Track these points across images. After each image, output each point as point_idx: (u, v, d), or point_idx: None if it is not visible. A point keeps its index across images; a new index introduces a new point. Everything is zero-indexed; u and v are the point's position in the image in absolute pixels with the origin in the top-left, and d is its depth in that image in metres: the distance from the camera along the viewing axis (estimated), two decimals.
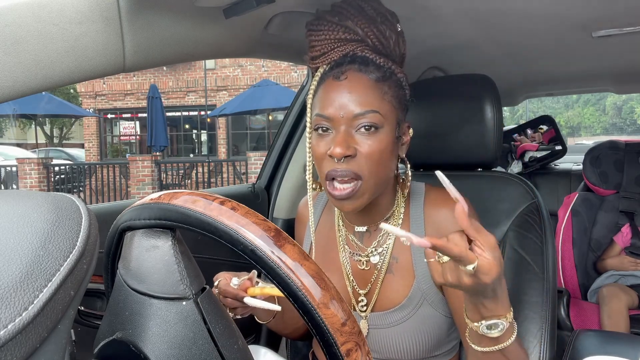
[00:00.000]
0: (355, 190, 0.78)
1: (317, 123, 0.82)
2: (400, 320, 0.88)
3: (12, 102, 8.84)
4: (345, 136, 0.78)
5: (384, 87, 0.80)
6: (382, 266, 0.89)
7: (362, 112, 0.78)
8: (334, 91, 0.80)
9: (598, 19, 1.21)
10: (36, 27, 0.69)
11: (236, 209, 0.45)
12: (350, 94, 0.79)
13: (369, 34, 0.81)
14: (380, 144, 0.79)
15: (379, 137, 0.79)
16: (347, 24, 0.82)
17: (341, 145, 0.77)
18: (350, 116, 0.78)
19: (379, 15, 0.83)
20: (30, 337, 0.29)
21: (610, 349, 1.03)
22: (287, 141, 1.58)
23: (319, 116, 0.81)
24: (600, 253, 2.16)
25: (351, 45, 0.82)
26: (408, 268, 0.88)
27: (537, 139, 3.31)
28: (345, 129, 0.79)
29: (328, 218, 1.00)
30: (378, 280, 0.89)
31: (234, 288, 0.80)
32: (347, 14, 0.82)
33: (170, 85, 13.95)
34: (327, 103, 0.80)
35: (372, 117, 0.78)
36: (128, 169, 9.40)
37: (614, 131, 31.48)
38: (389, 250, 0.89)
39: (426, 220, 0.89)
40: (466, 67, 1.70)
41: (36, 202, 0.35)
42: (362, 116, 0.78)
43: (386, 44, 0.83)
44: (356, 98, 0.78)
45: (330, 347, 0.43)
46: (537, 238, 1.01)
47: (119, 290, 0.47)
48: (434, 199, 0.90)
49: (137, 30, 0.80)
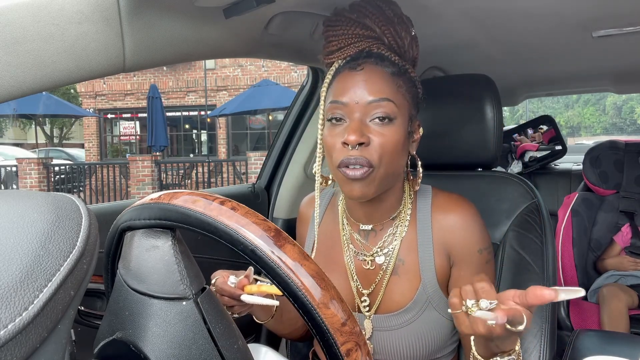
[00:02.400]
0: (367, 174, 0.78)
1: (331, 112, 0.82)
2: (404, 323, 0.88)
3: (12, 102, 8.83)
4: (359, 124, 0.78)
5: (399, 80, 0.82)
6: (388, 267, 0.89)
7: (376, 99, 0.79)
8: (350, 80, 0.81)
9: (598, 19, 1.21)
10: (36, 27, 0.69)
11: (236, 209, 0.45)
12: (366, 82, 0.80)
13: (385, 33, 0.83)
14: (393, 136, 0.79)
15: (392, 129, 0.79)
16: (365, 21, 0.83)
17: (356, 132, 0.77)
18: (364, 103, 0.79)
19: (396, 16, 0.84)
20: (30, 337, 0.29)
21: (610, 349, 1.03)
22: (287, 141, 1.58)
23: (334, 103, 0.82)
24: (600, 253, 2.16)
25: (367, 42, 0.84)
26: (414, 271, 0.88)
27: (537, 139, 3.32)
28: (360, 117, 0.79)
29: (332, 216, 1.00)
30: (383, 282, 0.89)
31: (231, 286, 0.80)
32: (366, 12, 0.84)
33: (170, 85, 13.94)
34: (342, 91, 0.81)
35: (386, 105, 0.79)
36: (128, 169, 9.39)
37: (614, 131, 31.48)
38: (395, 252, 0.89)
39: (434, 225, 0.89)
40: (466, 67, 1.70)
41: (36, 202, 0.35)
42: (376, 104, 0.79)
43: (401, 44, 0.84)
44: (372, 87, 0.79)
45: (330, 347, 0.43)
46: (537, 238, 1.01)
47: (119, 290, 0.47)
48: (443, 204, 0.90)
49: (137, 30, 0.80)
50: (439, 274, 0.87)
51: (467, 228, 0.87)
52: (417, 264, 0.88)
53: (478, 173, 1.14)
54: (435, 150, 1.13)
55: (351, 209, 0.94)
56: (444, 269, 0.88)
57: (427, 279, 0.87)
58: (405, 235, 0.89)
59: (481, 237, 0.88)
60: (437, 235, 0.88)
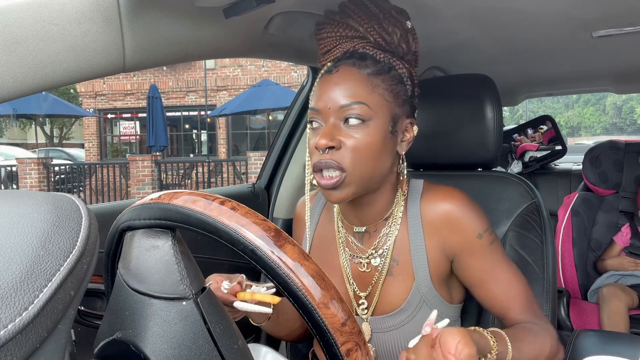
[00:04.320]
0: (340, 181, 0.78)
1: (310, 117, 0.84)
2: (400, 324, 0.87)
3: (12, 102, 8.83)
4: (330, 128, 0.79)
5: (376, 80, 0.81)
6: (383, 268, 0.88)
7: (348, 103, 0.79)
8: (325, 85, 0.82)
9: (598, 19, 1.21)
10: (36, 27, 0.69)
11: (236, 209, 0.45)
12: (338, 86, 0.80)
13: (369, 30, 0.83)
14: (367, 137, 0.79)
15: (366, 130, 0.79)
16: (348, 21, 0.83)
17: (325, 136, 0.78)
18: (336, 107, 0.79)
19: (382, 12, 0.84)
20: (30, 337, 0.29)
21: (610, 349, 1.02)
22: (287, 141, 1.58)
23: (311, 109, 0.83)
24: (600, 253, 2.16)
25: (353, 42, 0.84)
26: (408, 270, 0.88)
27: (537, 139, 3.32)
28: (333, 121, 0.80)
29: (327, 219, 0.99)
30: (378, 283, 0.89)
31: (224, 292, 0.80)
32: (348, 12, 0.84)
33: (170, 85, 13.94)
34: (317, 96, 0.82)
35: (358, 108, 0.78)
36: (128, 169, 9.39)
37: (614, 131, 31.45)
38: (389, 252, 0.88)
39: (423, 219, 0.88)
40: (466, 67, 1.70)
41: (36, 202, 0.35)
42: (348, 107, 0.79)
43: (389, 40, 0.84)
44: (343, 90, 0.79)
45: (330, 347, 0.43)
46: (537, 238, 1.01)
47: (119, 290, 0.47)
48: (431, 197, 0.89)
49: (137, 30, 0.80)
50: (433, 272, 0.86)
51: (459, 216, 0.85)
52: (410, 263, 0.87)
53: (478, 173, 1.14)
54: (435, 150, 1.13)
55: (344, 211, 0.93)
56: (439, 265, 0.87)
57: (420, 278, 0.86)
58: (397, 234, 0.88)
59: (477, 221, 0.85)
60: (428, 231, 0.87)
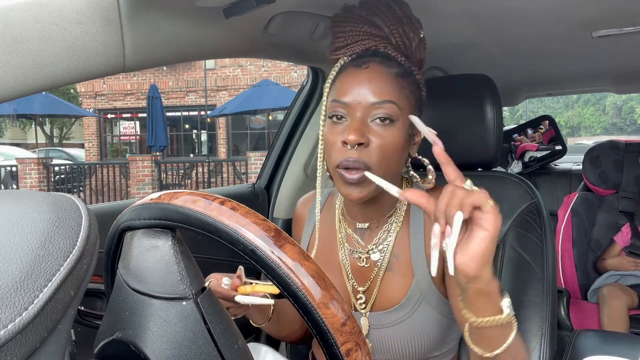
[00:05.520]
0: (364, 178, 0.78)
1: (332, 110, 0.81)
2: (399, 320, 0.87)
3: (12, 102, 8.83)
4: (360, 124, 0.78)
5: (403, 82, 0.81)
6: (382, 264, 0.89)
7: (379, 101, 0.78)
8: (354, 79, 0.80)
9: (598, 19, 1.21)
10: (36, 27, 0.69)
11: (236, 209, 0.45)
12: (370, 82, 0.79)
13: (394, 33, 0.82)
14: (393, 138, 0.79)
15: (392, 131, 0.79)
16: (374, 19, 0.83)
17: (356, 132, 0.76)
18: (367, 104, 0.78)
19: (406, 17, 0.84)
20: (30, 337, 0.29)
21: (610, 349, 1.02)
22: (287, 141, 1.58)
23: (336, 102, 0.81)
24: (600, 253, 2.16)
25: (375, 40, 0.83)
26: (407, 266, 0.88)
27: (537, 139, 3.32)
28: (361, 117, 0.78)
29: (328, 217, 1.00)
30: (377, 278, 0.89)
31: (225, 288, 0.80)
32: (375, 11, 0.83)
33: (170, 85, 13.94)
34: (345, 90, 0.80)
35: (388, 107, 0.78)
36: (128, 169, 9.40)
37: (614, 131, 31.45)
38: (389, 248, 0.89)
39: (425, 217, 0.88)
40: (466, 67, 1.70)
41: (36, 202, 0.35)
42: (379, 105, 0.78)
43: (408, 45, 0.84)
44: (375, 87, 0.79)
45: (330, 347, 0.43)
46: (537, 238, 1.01)
47: (119, 290, 0.47)
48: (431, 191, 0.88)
49: (137, 30, 0.80)
50: None
51: None
52: (410, 259, 0.88)
53: (478, 173, 1.14)
54: None
55: (349, 207, 0.94)
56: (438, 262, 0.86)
57: (419, 274, 0.86)
58: (399, 230, 0.89)
59: None
60: (429, 227, 0.87)
